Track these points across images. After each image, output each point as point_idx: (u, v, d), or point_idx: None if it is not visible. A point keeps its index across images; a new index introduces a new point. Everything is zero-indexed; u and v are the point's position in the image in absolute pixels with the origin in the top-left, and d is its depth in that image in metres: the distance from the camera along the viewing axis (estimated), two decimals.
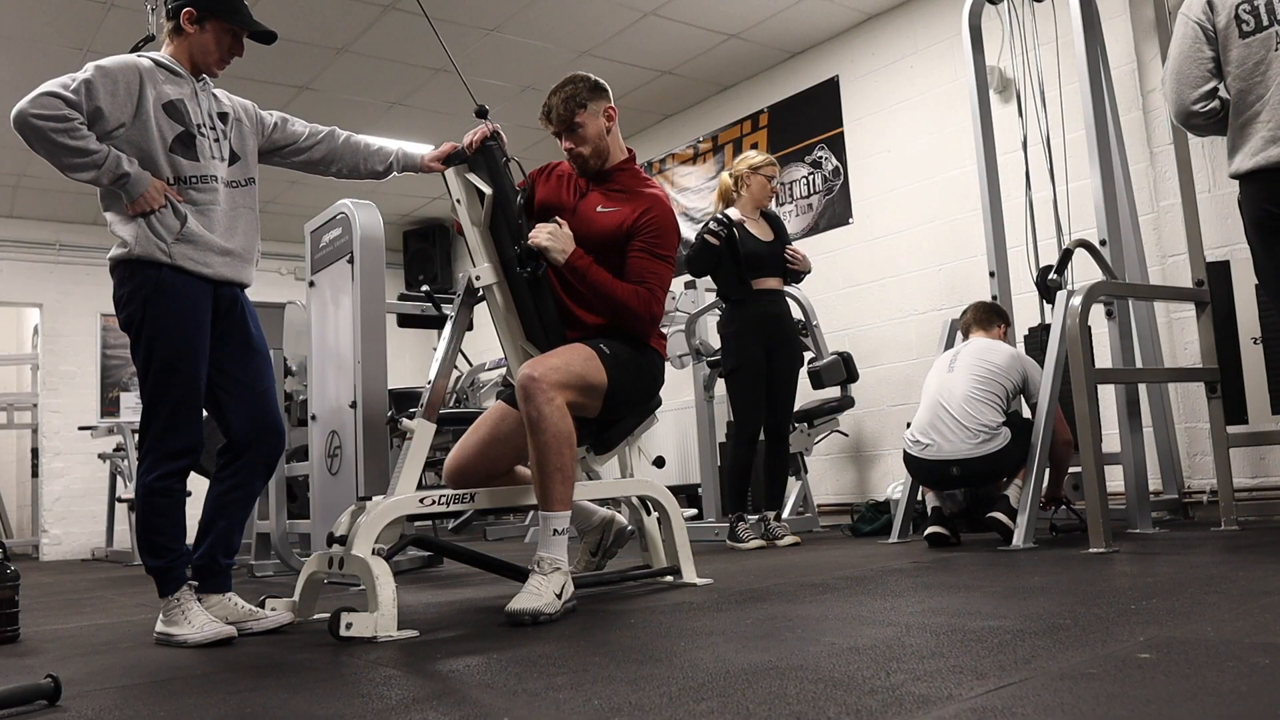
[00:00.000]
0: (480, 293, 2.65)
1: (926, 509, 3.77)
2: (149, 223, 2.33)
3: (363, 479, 3.53)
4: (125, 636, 2.54)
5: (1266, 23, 2.73)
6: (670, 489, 3.06)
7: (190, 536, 2.43)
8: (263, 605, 2.52)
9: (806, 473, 5.16)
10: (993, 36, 4.55)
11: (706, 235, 4.13)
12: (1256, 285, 3.43)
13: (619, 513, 3.11)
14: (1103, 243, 3.75)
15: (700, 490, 5.08)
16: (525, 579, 2.39)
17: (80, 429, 7.49)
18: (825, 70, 5.94)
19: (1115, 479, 3.74)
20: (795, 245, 4.42)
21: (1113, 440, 3.84)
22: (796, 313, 4.60)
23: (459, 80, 2.88)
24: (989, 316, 3.95)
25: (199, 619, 2.30)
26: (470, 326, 2.75)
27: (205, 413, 2.45)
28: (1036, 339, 4.09)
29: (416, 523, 3.86)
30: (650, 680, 1.52)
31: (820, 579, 2.80)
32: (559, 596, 2.33)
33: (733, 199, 4.34)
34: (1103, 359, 3.91)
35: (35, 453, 8.24)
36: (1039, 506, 3.47)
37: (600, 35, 5.64)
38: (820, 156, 5.94)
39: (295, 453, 4.45)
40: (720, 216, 4.19)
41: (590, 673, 1.62)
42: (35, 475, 8.21)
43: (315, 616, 2.59)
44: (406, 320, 4.28)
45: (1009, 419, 3.54)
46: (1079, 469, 3.72)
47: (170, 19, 2.43)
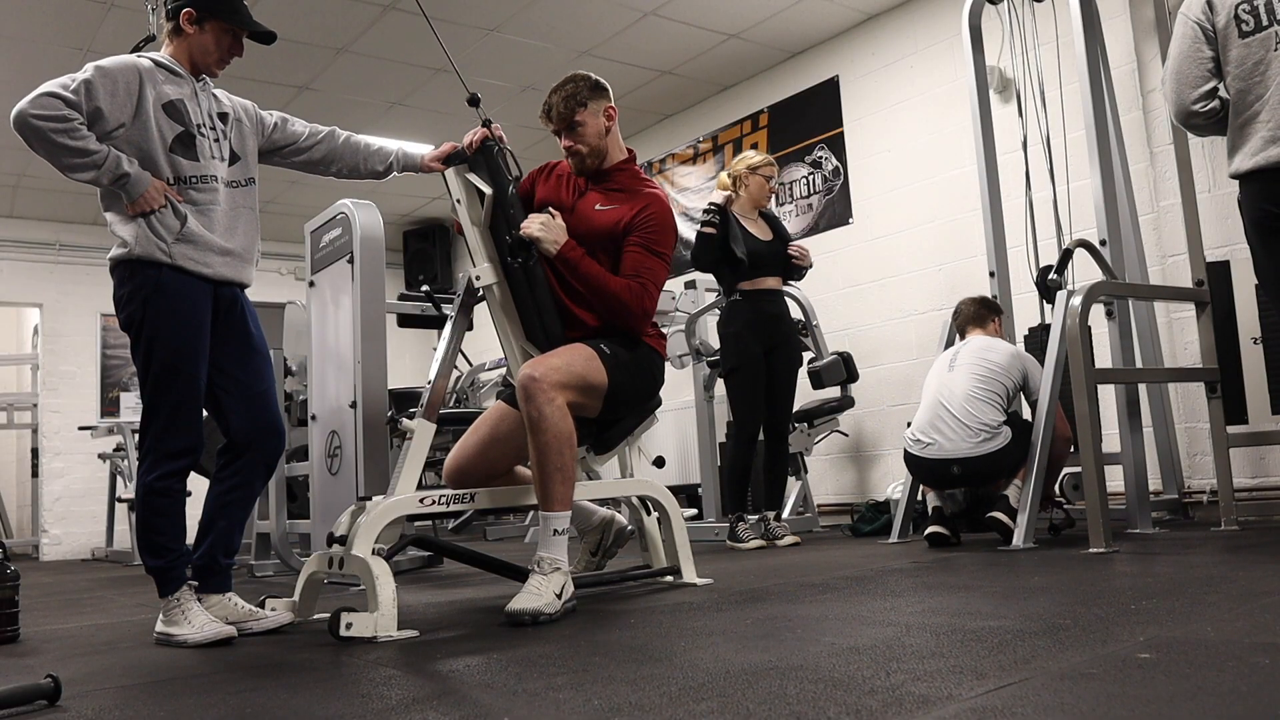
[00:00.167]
0: (480, 292, 2.65)
1: (927, 509, 3.77)
2: (149, 223, 2.33)
3: (363, 479, 3.53)
4: (125, 636, 2.54)
5: (1266, 23, 2.73)
6: (670, 489, 3.06)
7: (190, 536, 2.43)
8: (263, 605, 2.52)
9: (806, 473, 5.16)
10: (993, 36, 4.55)
11: (701, 228, 4.15)
12: (1256, 285, 3.43)
13: (619, 513, 3.11)
14: (1103, 243, 3.75)
15: (700, 490, 5.08)
16: (525, 579, 2.39)
17: (80, 429, 7.49)
18: (825, 70, 5.94)
19: (1115, 479, 3.74)
20: (796, 243, 4.44)
21: (1113, 440, 3.84)
22: (796, 312, 4.60)
23: (459, 80, 2.87)
24: (983, 313, 3.95)
25: (199, 619, 2.30)
26: (470, 326, 2.75)
27: (205, 413, 2.45)
28: (1036, 339, 4.09)
29: (416, 523, 3.86)
30: (650, 680, 1.52)
31: (820, 579, 2.80)
32: (559, 596, 2.33)
33: (731, 199, 4.35)
34: (1103, 359, 3.91)
35: (35, 453, 8.24)
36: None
37: (600, 35, 5.64)
38: (820, 156, 5.94)
39: (295, 453, 4.45)
40: (709, 206, 4.19)
41: (590, 673, 1.62)
42: (35, 475, 8.21)
43: (315, 616, 2.59)
44: (406, 320, 4.28)
45: (1010, 419, 3.54)
46: (1079, 469, 3.73)
47: (170, 19, 2.44)
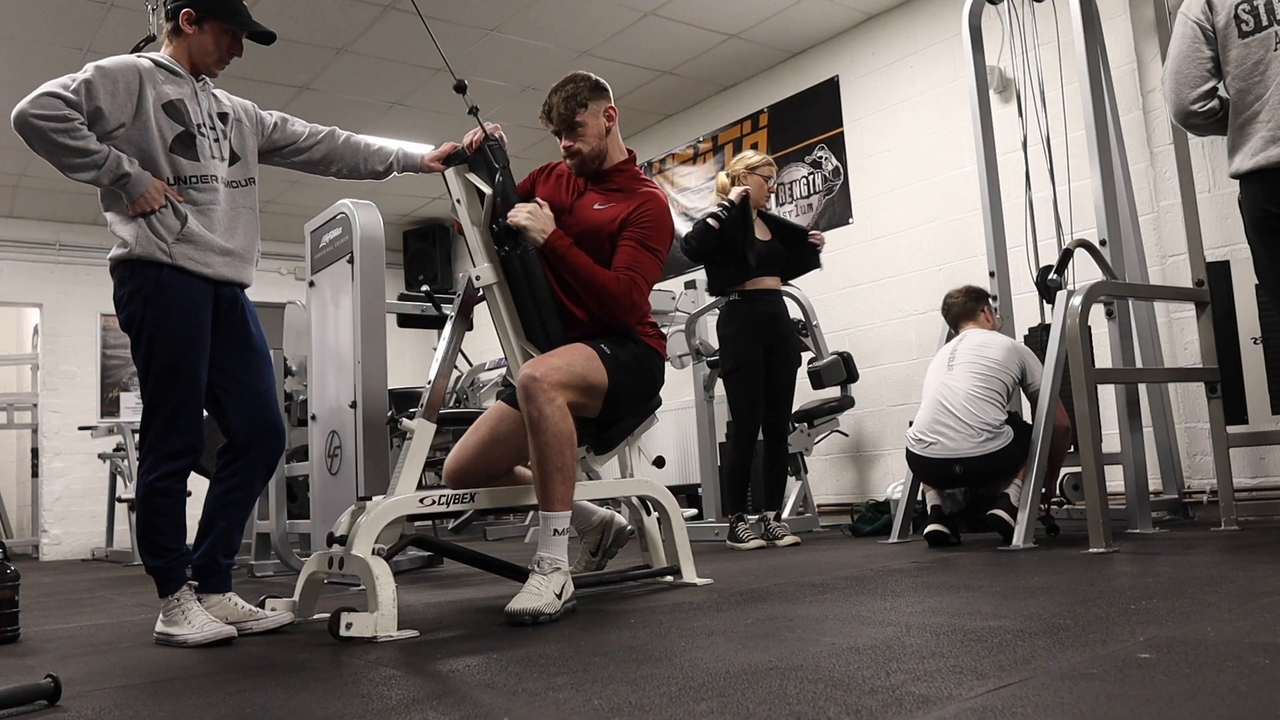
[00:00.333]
0: (480, 292, 2.65)
1: (927, 508, 3.77)
2: (149, 223, 2.33)
3: (363, 479, 3.53)
4: (125, 636, 2.54)
5: (1266, 23, 2.73)
6: (670, 489, 3.06)
7: (190, 536, 2.43)
8: (263, 605, 2.52)
9: (806, 473, 5.16)
10: (993, 36, 4.55)
11: (709, 219, 4.09)
12: (1256, 285, 3.43)
13: (619, 513, 3.11)
14: (1103, 243, 3.75)
15: (700, 490, 5.08)
16: (525, 579, 2.39)
17: (80, 429, 7.49)
18: (825, 70, 5.94)
19: (1115, 479, 3.74)
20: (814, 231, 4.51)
21: (1113, 440, 3.84)
22: (795, 312, 4.60)
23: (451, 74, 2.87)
24: (971, 305, 3.93)
25: (199, 619, 2.30)
26: (470, 326, 2.75)
27: (205, 413, 2.45)
28: (1036, 339, 4.09)
29: (416, 523, 3.86)
30: (650, 680, 1.52)
31: (820, 579, 2.80)
32: (559, 596, 2.33)
33: (748, 194, 4.32)
34: (1103, 359, 3.91)
35: (35, 453, 8.24)
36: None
37: (600, 35, 5.64)
38: (820, 156, 5.94)
39: (295, 453, 4.45)
40: (726, 202, 4.13)
41: (590, 673, 1.62)
42: (35, 475, 8.21)
43: (315, 616, 2.59)
44: (406, 320, 4.28)
45: (1011, 418, 3.54)
46: (1079, 469, 3.73)
47: (169, 20, 2.44)
